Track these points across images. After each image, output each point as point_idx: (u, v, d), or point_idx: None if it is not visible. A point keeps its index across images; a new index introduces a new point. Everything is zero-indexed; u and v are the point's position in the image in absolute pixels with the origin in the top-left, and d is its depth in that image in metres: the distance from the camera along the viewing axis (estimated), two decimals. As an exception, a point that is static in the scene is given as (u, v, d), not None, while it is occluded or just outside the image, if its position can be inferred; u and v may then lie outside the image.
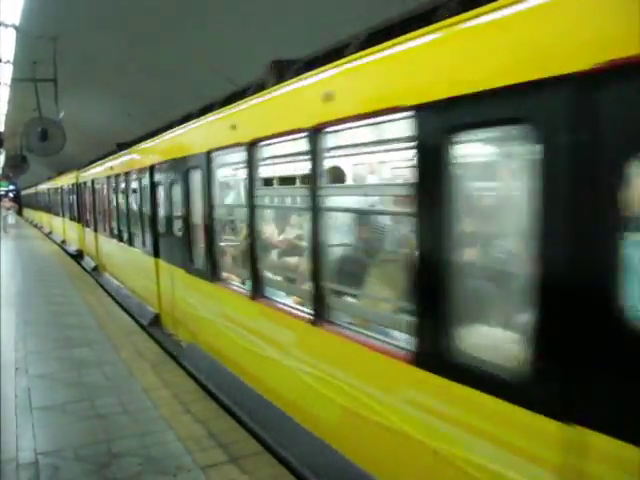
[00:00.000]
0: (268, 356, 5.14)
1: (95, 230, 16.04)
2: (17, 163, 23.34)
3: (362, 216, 4.70)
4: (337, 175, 4.99)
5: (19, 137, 15.72)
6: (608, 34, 2.15)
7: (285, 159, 6.02)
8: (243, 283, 5.98)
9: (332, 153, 4.28)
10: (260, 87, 5.61)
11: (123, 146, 12.88)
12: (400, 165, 4.74)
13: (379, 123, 3.64)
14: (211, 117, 6.75)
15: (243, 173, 5.50)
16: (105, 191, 14.25)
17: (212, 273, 6.44)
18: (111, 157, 14.06)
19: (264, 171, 5.54)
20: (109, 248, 14.09)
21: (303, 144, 4.23)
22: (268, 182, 6.57)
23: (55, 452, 4.80)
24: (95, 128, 23.39)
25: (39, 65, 12.93)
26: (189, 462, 4.56)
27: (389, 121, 3.48)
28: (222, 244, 6.63)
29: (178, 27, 10.86)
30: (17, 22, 10.69)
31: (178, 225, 7.80)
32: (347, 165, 5.75)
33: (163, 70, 13.51)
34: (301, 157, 4.54)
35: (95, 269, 16.44)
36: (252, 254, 5.36)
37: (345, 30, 4.90)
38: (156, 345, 8.24)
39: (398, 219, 4.46)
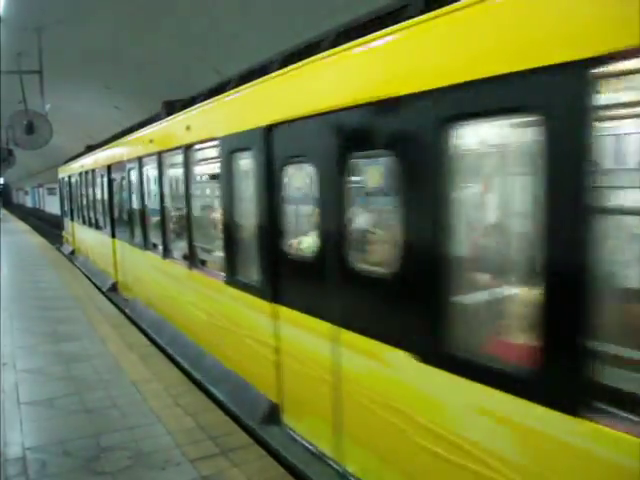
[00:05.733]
0: (170, 295, 8.16)
1: (72, 219, 19.06)
2: (3, 157, 23.06)
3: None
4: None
5: (4, 130, 15.53)
6: None
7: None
8: (155, 247, 8.92)
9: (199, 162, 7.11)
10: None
11: (91, 148, 15.46)
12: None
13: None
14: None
15: (153, 173, 8.89)
16: (75, 186, 17.70)
17: (144, 244, 9.36)
18: (71, 161, 18.70)
19: (167, 172, 8.21)
20: (81, 232, 17.44)
21: (180, 156, 7.10)
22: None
23: (43, 447, 4.76)
24: (82, 120, 23.17)
25: (24, 57, 12.76)
26: (179, 455, 4.55)
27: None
28: (148, 223, 9.33)
29: (164, 17, 10.75)
30: (1, 12, 10.52)
31: (126, 211, 10.61)
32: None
33: (149, 61, 13.39)
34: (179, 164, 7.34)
35: (72, 253, 19.23)
36: (159, 228, 8.59)
37: (328, 20, 4.86)
38: (144, 337, 8.21)
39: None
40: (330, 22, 4.66)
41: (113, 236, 11.88)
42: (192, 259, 7.16)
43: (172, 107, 7.83)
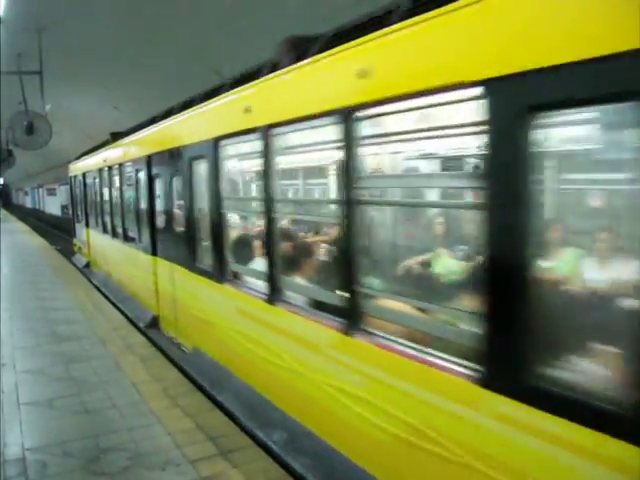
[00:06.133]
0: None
1: (87, 226, 15.93)
2: (3, 157, 23.06)
3: None
4: None
5: (4, 131, 15.54)
6: None
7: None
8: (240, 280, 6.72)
9: None
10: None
11: (118, 136, 12.55)
12: None
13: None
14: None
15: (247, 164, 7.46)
16: (93, 185, 14.72)
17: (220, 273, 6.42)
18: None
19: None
20: (100, 243, 14.45)
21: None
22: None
23: (43, 447, 4.76)
24: (82, 121, 23.19)
25: (24, 57, 12.77)
26: (178, 456, 4.54)
27: None
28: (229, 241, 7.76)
29: (166, 19, 10.76)
30: (1, 13, 10.53)
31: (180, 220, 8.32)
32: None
33: (150, 62, 13.39)
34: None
35: (87, 266, 16.22)
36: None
37: (329, 21, 4.87)
38: (145, 339, 8.20)
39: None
40: (331, 23, 4.67)
41: (154, 253, 8.69)
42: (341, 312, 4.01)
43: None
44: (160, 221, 8.50)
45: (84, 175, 15.41)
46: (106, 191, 12.56)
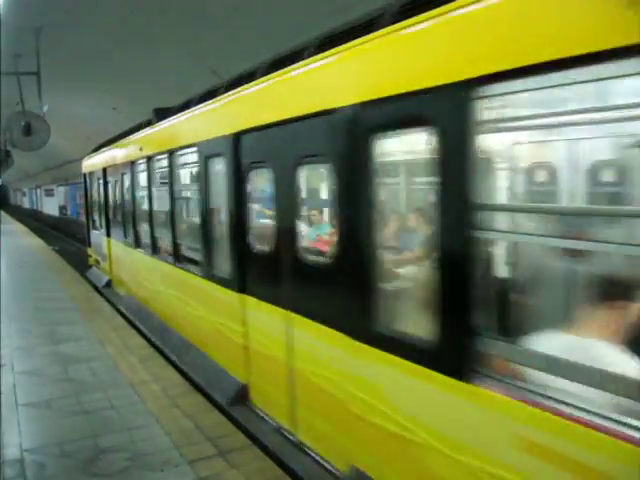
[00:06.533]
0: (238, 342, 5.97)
1: (107, 235, 12.98)
2: (1, 158, 23.03)
3: None
4: None
5: (2, 132, 15.52)
6: None
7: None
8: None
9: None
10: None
11: (165, 113, 8.77)
12: None
13: None
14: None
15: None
16: (118, 184, 11.58)
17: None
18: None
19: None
20: (131, 260, 12.03)
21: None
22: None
23: (41, 448, 4.75)
24: (80, 122, 23.18)
25: (22, 58, 12.75)
26: (177, 456, 4.54)
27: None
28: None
29: (161, 19, 10.75)
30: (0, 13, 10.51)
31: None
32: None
33: (148, 63, 13.39)
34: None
35: (109, 285, 13.55)
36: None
37: (329, 22, 4.86)
38: (143, 339, 8.19)
39: None
40: (329, 23, 4.66)
41: (242, 289, 5.39)
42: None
43: None
44: (260, 239, 5.24)
45: (105, 171, 11.94)
46: (143, 190, 9.16)
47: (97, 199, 13.24)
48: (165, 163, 7.77)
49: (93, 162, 13.65)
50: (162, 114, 8.10)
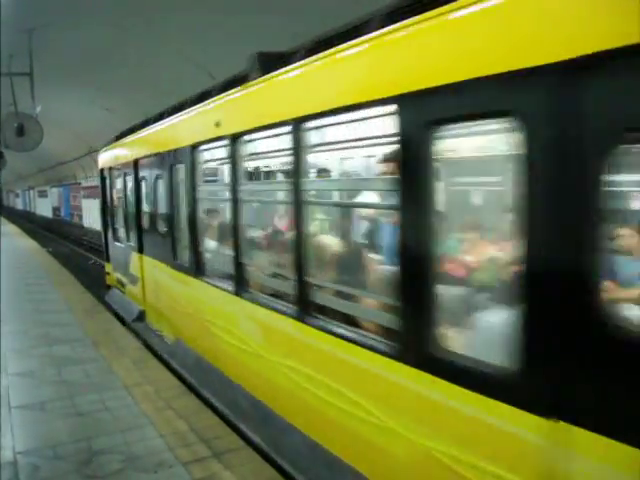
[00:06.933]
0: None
1: (139, 251, 9.74)
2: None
3: None
4: None
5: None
6: None
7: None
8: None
9: None
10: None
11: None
12: None
13: None
14: None
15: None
16: (160, 182, 8.11)
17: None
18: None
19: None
20: (183, 289, 11.62)
21: None
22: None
23: (35, 451, 4.74)
24: (73, 123, 23.09)
25: (14, 58, 12.68)
26: (171, 458, 4.54)
27: None
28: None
29: (155, 19, 10.74)
30: (-8, 14, 10.47)
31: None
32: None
33: (141, 64, 13.36)
34: None
35: (141, 319, 10.99)
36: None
37: (324, 22, 4.87)
38: (137, 341, 8.18)
39: None
40: (326, 24, 4.67)
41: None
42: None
43: None
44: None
45: (137, 164, 8.69)
46: (215, 190, 6.72)
47: (122, 201, 10.02)
48: (274, 144, 5.03)
49: (116, 154, 10.44)
50: (273, 61, 4.58)
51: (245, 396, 5.11)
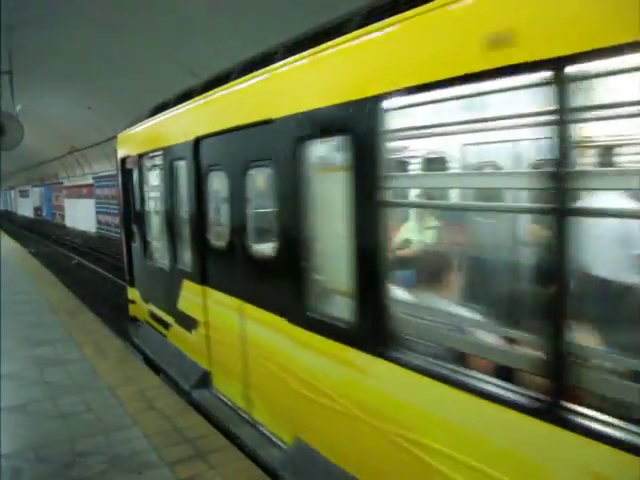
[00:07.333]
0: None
1: (202, 281, 6.74)
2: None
3: None
4: None
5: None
6: None
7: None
8: None
9: None
10: None
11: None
12: None
13: None
14: None
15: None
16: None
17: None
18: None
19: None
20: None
21: None
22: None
23: (17, 453, 4.68)
24: (54, 121, 22.82)
25: (-6, 56, 12.51)
26: (155, 459, 4.51)
27: None
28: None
29: (138, 20, 10.67)
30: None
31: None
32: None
33: (123, 63, 13.26)
34: None
35: (204, 384, 8.96)
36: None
37: (314, 19, 4.87)
38: (119, 341, 8.12)
39: None
40: (311, 21, 4.67)
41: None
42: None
43: None
44: None
45: (198, 146, 5.45)
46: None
47: (165, 203, 6.68)
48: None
49: (153, 133, 7.12)
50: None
51: None
